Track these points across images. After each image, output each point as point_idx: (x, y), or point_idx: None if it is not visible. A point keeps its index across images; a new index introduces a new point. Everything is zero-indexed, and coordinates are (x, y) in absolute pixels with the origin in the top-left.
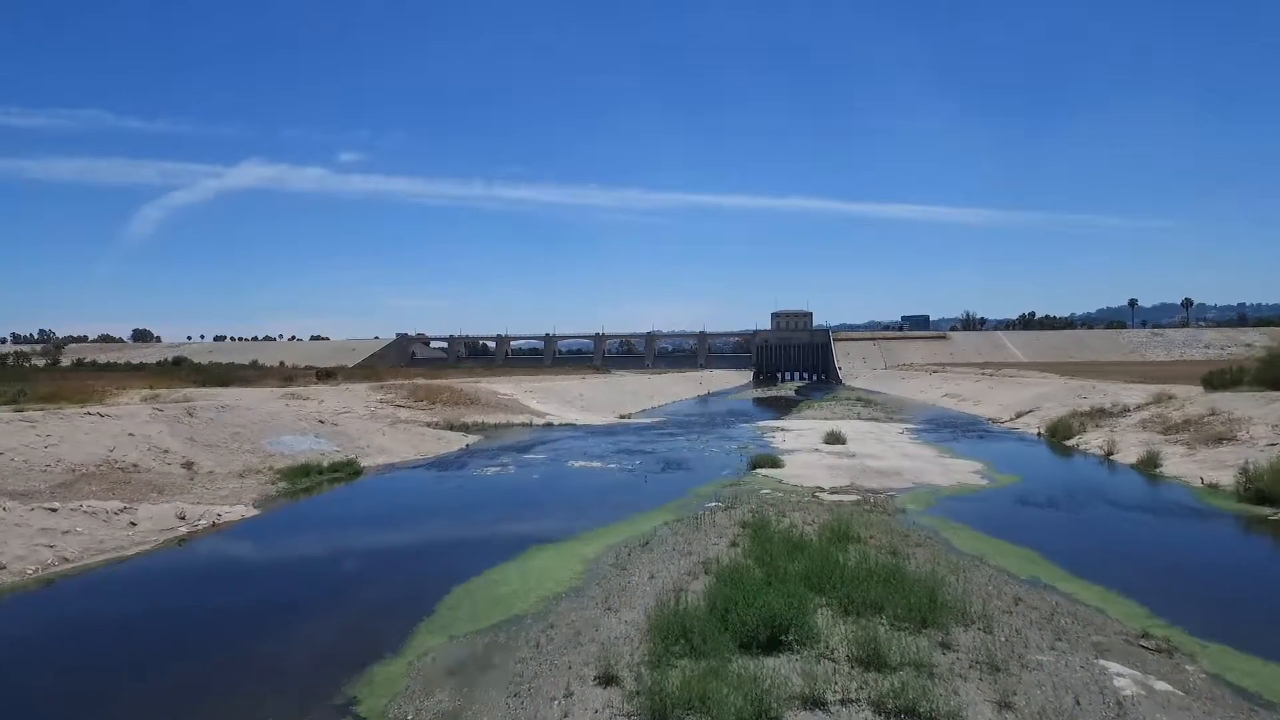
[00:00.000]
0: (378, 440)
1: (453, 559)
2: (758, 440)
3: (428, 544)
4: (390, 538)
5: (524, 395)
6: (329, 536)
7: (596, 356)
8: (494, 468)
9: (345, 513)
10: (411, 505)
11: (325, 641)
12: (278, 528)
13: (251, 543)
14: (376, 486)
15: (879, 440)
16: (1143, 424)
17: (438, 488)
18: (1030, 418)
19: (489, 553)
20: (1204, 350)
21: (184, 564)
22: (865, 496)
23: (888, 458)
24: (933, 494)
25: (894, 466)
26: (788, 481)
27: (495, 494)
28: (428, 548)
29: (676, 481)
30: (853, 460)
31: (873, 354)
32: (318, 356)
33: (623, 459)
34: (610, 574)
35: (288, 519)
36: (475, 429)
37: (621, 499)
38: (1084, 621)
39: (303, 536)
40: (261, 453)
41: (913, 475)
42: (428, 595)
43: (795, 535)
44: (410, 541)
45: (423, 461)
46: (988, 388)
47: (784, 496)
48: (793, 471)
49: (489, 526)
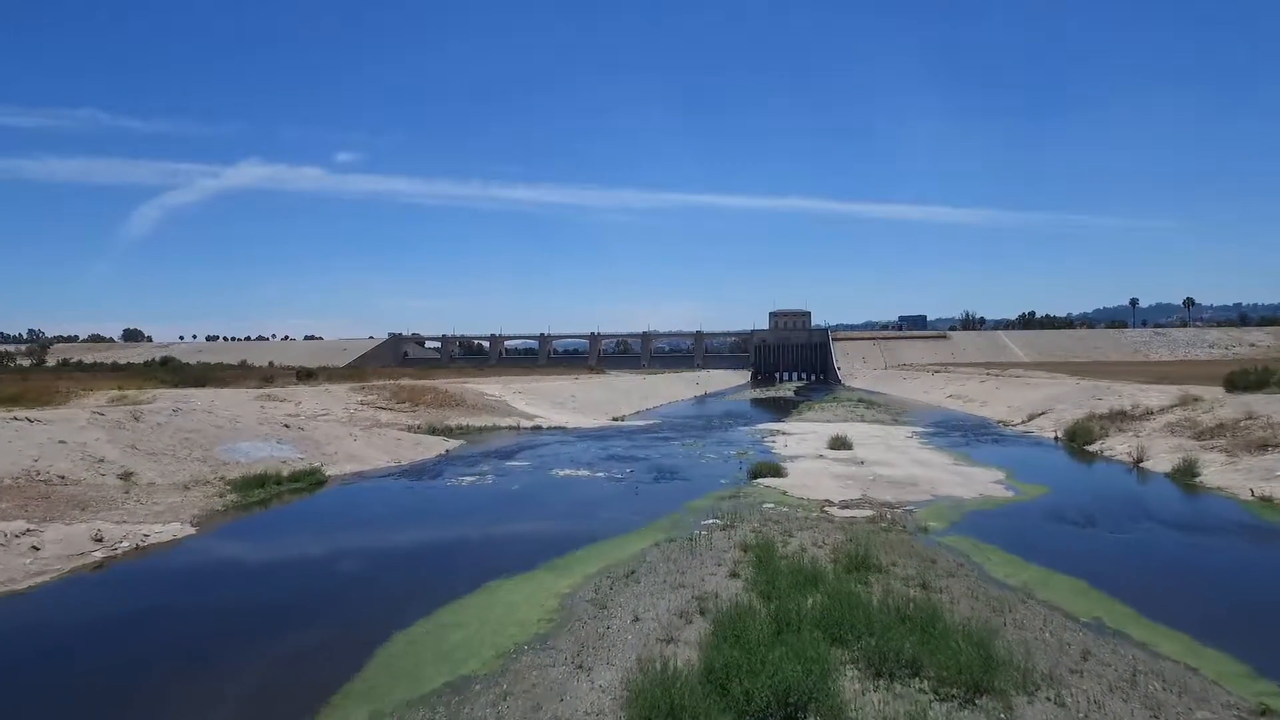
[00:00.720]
0: (348, 446)
1: (403, 593)
2: (757, 445)
3: (377, 573)
4: (335, 565)
5: (512, 397)
6: (265, 563)
7: (591, 356)
8: (471, 477)
9: (292, 533)
10: (369, 522)
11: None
12: (210, 552)
13: (171, 572)
14: (337, 499)
15: (887, 445)
16: (1170, 428)
17: (405, 501)
18: (1043, 420)
19: (446, 585)
20: (1208, 350)
21: (77, 600)
22: (880, 512)
23: (899, 465)
24: (955, 508)
25: (908, 475)
26: (792, 493)
27: (467, 509)
28: (376, 578)
29: (670, 493)
30: (861, 468)
31: (872, 354)
32: (309, 357)
33: (612, 466)
34: (587, 615)
35: (225, 540)
36: (458, 432)
37: (608, 515)
38: (1178, 687)
39: (235, 563)
40: (213, 461)
41: (930, 486)
42: (361, 645)
43: (806, 562)
44: (357, 570)
45: (396, 469)
46: (994, 388)
47: (789, 512)
48: (797, 481)
49: (451, 551)
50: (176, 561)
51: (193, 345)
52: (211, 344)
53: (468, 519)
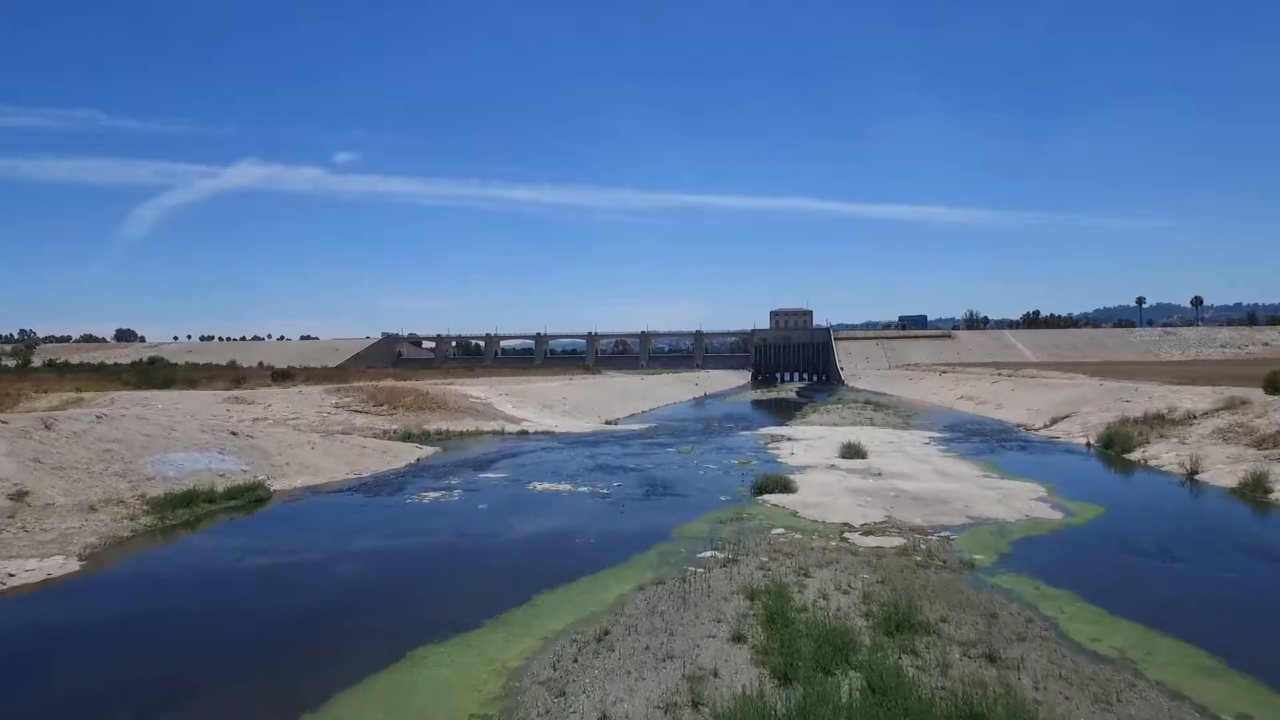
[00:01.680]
0: (303, 455)
1: (295, 669)
2: (760, 452)
3: (274, 636)
4: (228, 624)
5: (498, 399)
6: (139, 619)
7: (589, 356)
8: (436, 492)
9: (192, 572)
10: (293, 556)
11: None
12: (82, 598)
13: (15, 631)
14: (271, 522)
15: (904, 453)
16: (1221, 434)
17: (349, 525)
18: (1069, 424)
19: (358, 656)
20: (1220, 349)
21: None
22: (911, 539)
23: (922, 477)
24: (999, 534)
25: (934, 491)
26: (804, 514)
27: (418, 537)
28: (270, 644)
29: (662, 513)
30: (880, 481)
31: (875, 354)
32: (301, 357)
33: (599, 479)
34: (536, 710)
35: (112, 581)
36: (437, 438)
37: (585, 543)
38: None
39: (102, 617)
40: (136, 475)
41: (963, 504)
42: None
43: (831, 617)
44: (250, 633)
45: (354, 482)
46: (1008, 390)
47: (803, 540)
48: (809, 498)
49: (380, 600)
50: (30, 613)
51: (183, 345)
52: (204, 344)
53: (415, 551)
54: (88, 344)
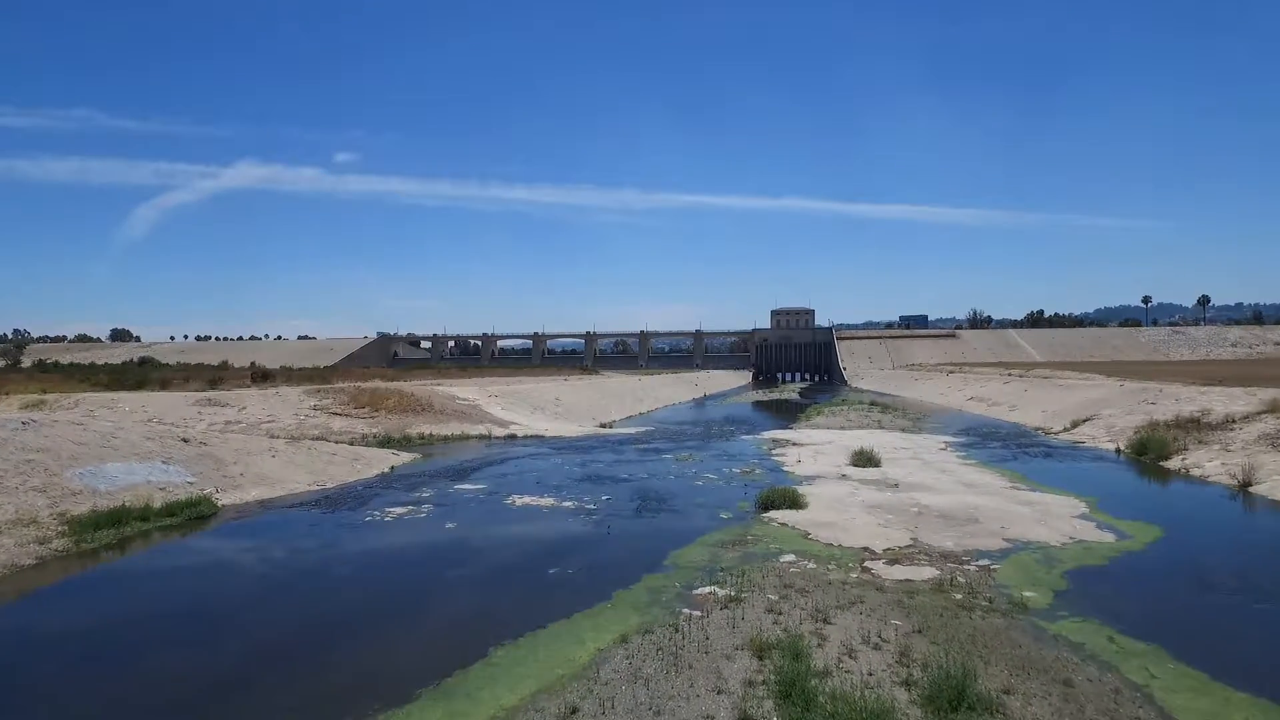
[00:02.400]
0: (261, 465)
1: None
2: (764, 460)
3: None
4: (84, 698)
5: (487, 401)
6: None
7: (587, 356)
8: (403, 507)
9: (82, 616)
10: (220, 593)
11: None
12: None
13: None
14: (206, 546)
15: (920, 460)
16: (1270, 441)
17: (291, 550)
18: (1092, 428)
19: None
20: (1231, 349)
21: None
22: (945, 570)
23: (944, 489)
24: (1046, 563)
25: (962, 506)
26: (817, 536)
27: (366, 567)
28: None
29: (654, 535)
30: (899, 494)
31: (879, 353)
32: (295, 356)
33: (587, 491)
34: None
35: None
36: (419, 443)
37: (563, 576)
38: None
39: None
40: (59, 490)
41: (997, 523)
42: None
43: (861, 688)
44: (109, 706)
45: (315, 495)
46: (1021, 391)
47: (818, 571)
48: (820, 515)
49: (291, 663)
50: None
51: (176, 345)
52: (199, 344)
53: (358, 586)
54: (82, 344)
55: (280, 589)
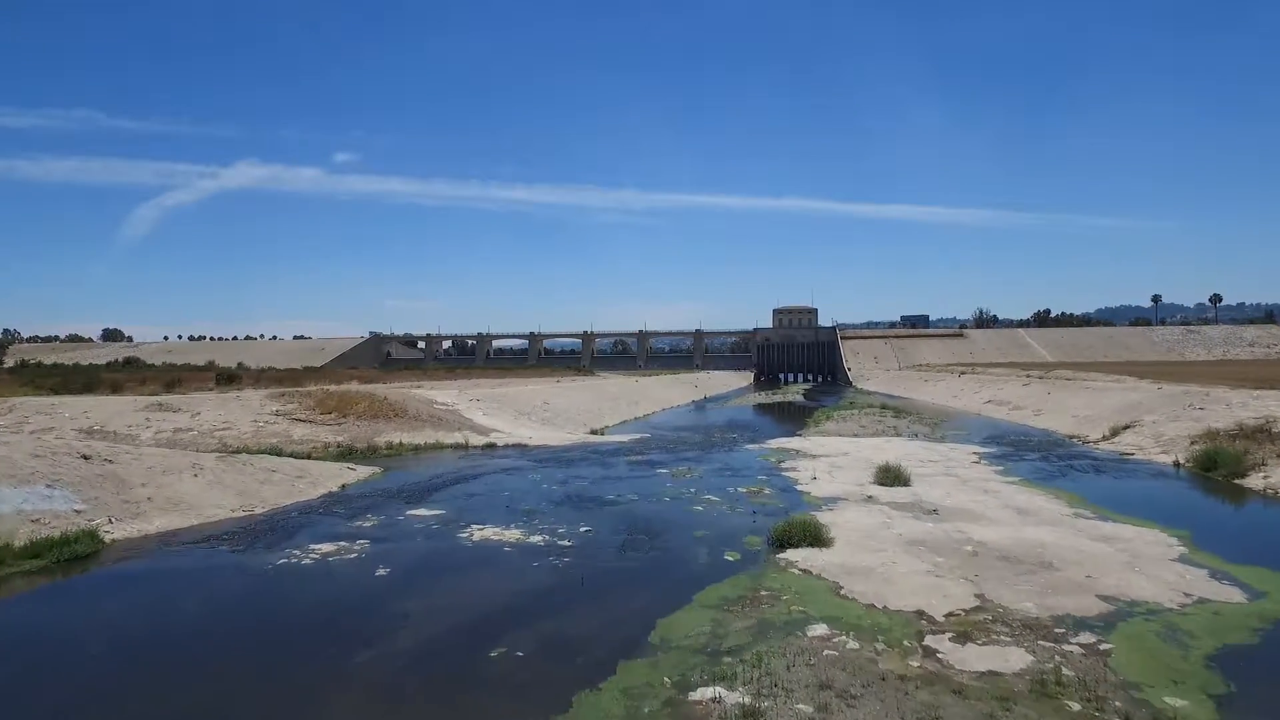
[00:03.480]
0: (177, 486)
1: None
2: (773, 475)
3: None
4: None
5: (468, 406)
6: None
7: (585, 357)
8: (334, 543)
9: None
10: (15, 680)
11: None
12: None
13: None
14: (48, 604)
15: (954, 477)
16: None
17: (164, 608)
18: (1136, 437)
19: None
20: (1249, 348)
21: None
22: (1040, 655)
23: (995, 517)
24: (1171, 638)
25: (1025, 543)
26: (852, 590)
27: (245, 643)
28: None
29: (638, 588)
30: (942, 525)
31: (884, 353)
32: (286, 356)
33: (563, 520)
34: None
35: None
36: (384, 454)
37: (505, 665)
38: None
39: None
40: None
41: (1078, 568)
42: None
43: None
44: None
45: (236, 523)
46: (1043, 393)
47: (862, 653)
48: (852, 558)
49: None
50: None
51: (164, 345)
52: (190, 344)
53: (215, 682)
54: (71, 344)
55: (104, 684)
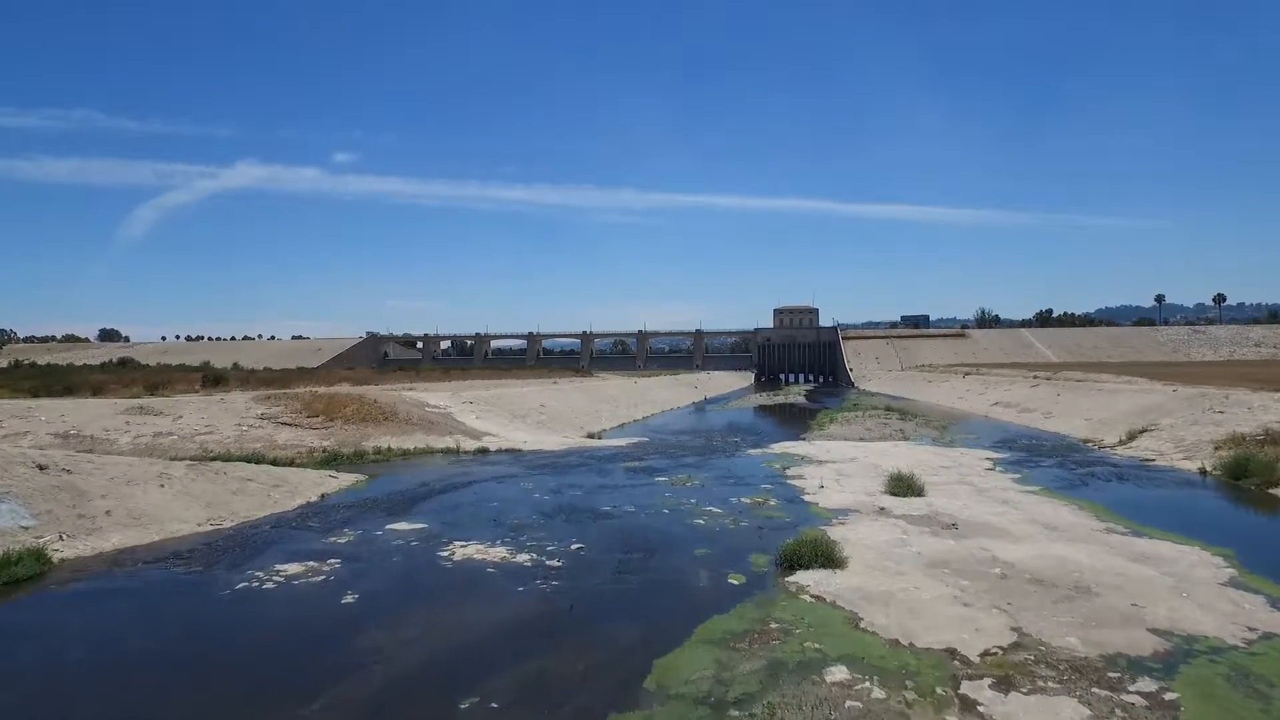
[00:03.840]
0: (141, 498)
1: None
2: (778, 483)
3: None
4: None
5: (461, 409)
6: None
7: (584, 357)
8: (302, 563)
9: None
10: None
11: None
12: None
13: None
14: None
15: (969, 485)
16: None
17: (103, 640)
18: (1154, 441)
19: None
20: (1255, 349)
21: None
22: (1098, 709)
23: (1019, 533)
24: (1241, 683)
25: (1058, 564)
26: (872, 622)
27: (184, 689)
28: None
29: (633, 618)
30: (963, 542)
31: (886, 354)
32: (282, 357)
33: (553, 535)
34: None
35: None
36: (372, 459)
37: (478, 716)
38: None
39: None
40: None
41: (1120, 594)
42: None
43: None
44: None
45: (201, 539)
46: (1053, 395)
47: (888, 703)
48: (869, 582)
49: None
50: None
51: (161, 345)
52: (187, 344)
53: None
54: (67, 344)
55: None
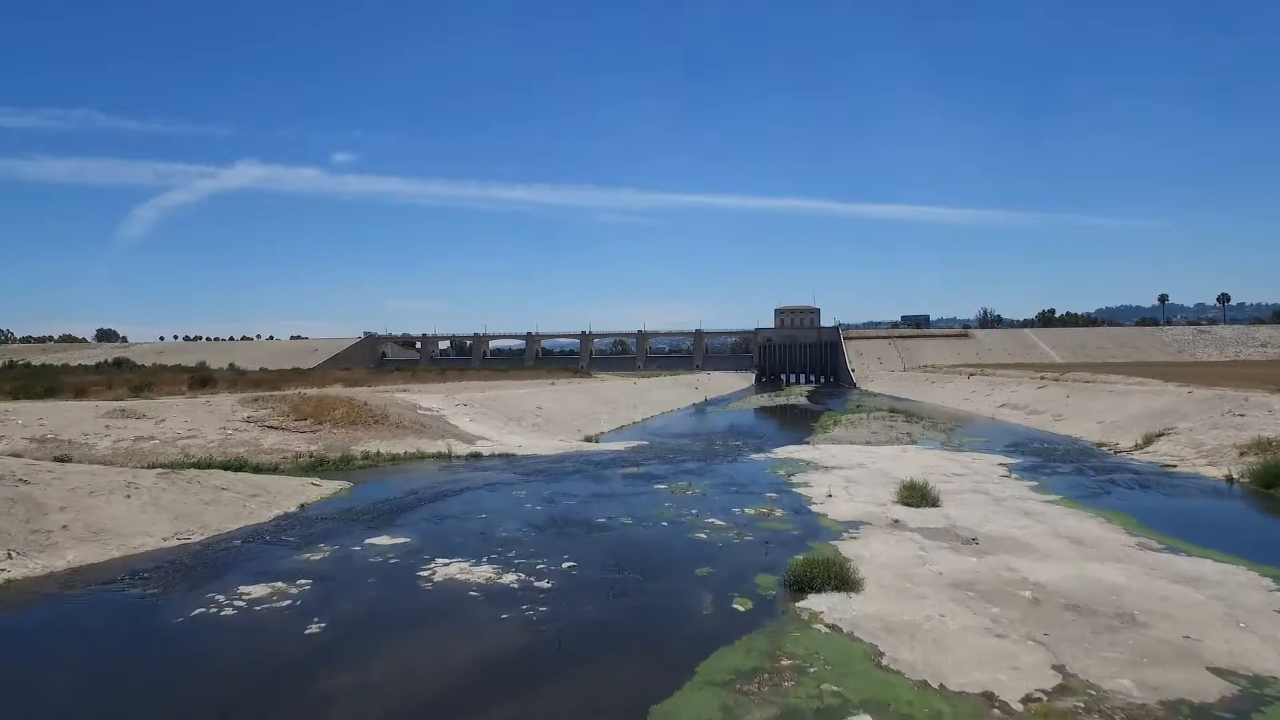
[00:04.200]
0: (103, 510)
1: None
2: (783, 491)
3: None
4: None
5: (455, 411)
6: None
7: (583, 357)
8: (268, 585)
9: None
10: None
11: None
12: None
13: None
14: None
15: (986, 494)
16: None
17: (25, 685)
18: (1173, 446)
19: None
20: (1261, 349)
21: None
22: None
23: (1046, 548)
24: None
25: (1093, 586)
26: (895, 659)
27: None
28: None
29: (628, 655)
30: (986, 560)
31: (888, 354)
32: (278, 357)
33: (544, 551)
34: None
35: None
36: (360, 464)
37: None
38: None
39: None
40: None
41: (1169, 623)
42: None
43: None
44: None
45: (166, 555)
46: (1062, 397)
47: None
48: (888, 608)
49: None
50: None
51: (157, 345)
52: (184, 344)
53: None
54: (64, 344)
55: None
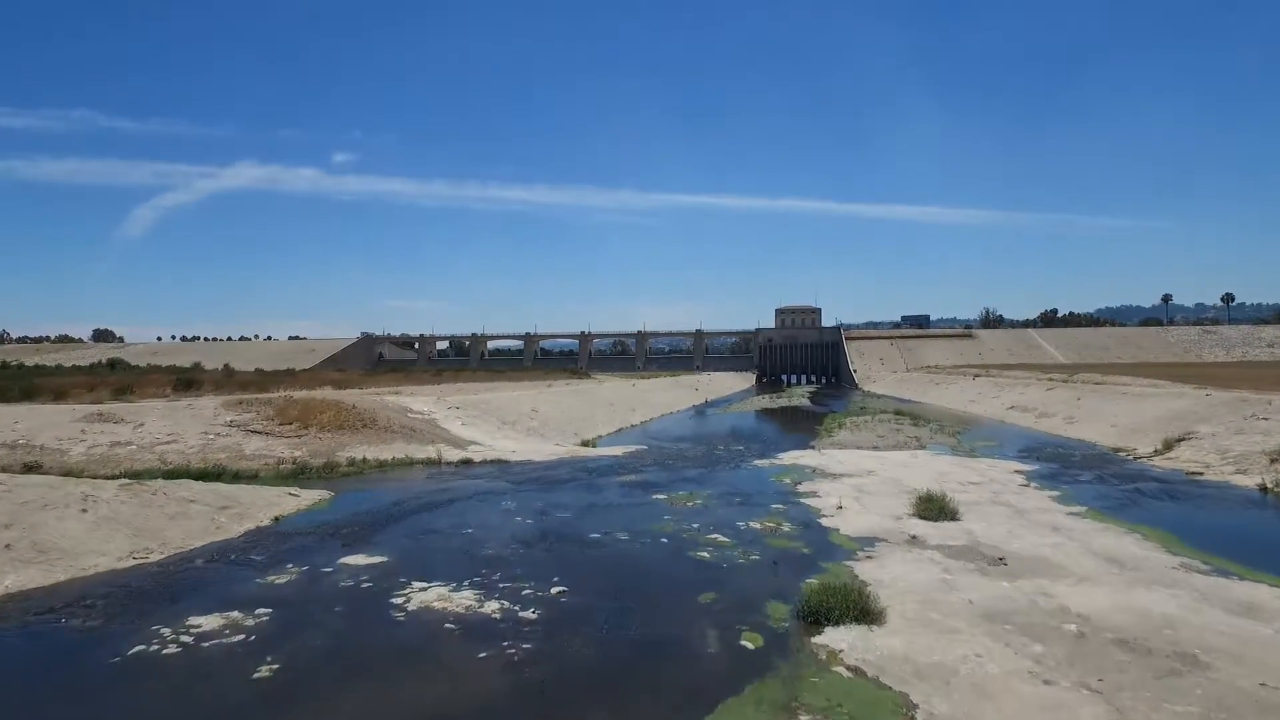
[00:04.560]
0: (57, 527)
1: None
2: (790, 502)
3: None
4: None
5: (447, 415)
6: None
7: (582, 358)
8: (223, 615)
9: None
10: None
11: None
12: None
13: None
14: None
15: (1007, 506)
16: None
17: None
18: (1195, 451)
19: None
20: (1268, 349)
21: None
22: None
23: (1083, 570)
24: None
25: (1145, 618)
26: (924, 705)
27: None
28: None
29: (622, 707)
30: (1016, 584)
31: (890, 354)
32: (275, 358)
33: (531, 573)
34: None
35: None
36: (345, 471)
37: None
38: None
39: None
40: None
41: (1243, 669)
42: None
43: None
44: None
45: (119, 578)
46: (1072, 399)
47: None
48: (916, 645)
49: None
50: None
51: (152, 346)
52: (180, 345)
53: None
54: (60, 344)
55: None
